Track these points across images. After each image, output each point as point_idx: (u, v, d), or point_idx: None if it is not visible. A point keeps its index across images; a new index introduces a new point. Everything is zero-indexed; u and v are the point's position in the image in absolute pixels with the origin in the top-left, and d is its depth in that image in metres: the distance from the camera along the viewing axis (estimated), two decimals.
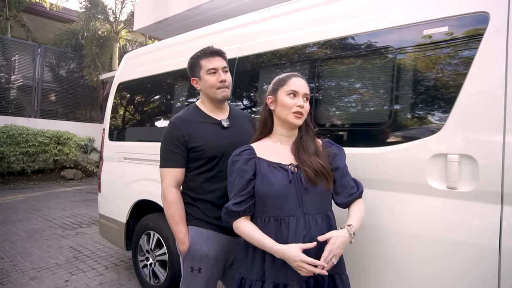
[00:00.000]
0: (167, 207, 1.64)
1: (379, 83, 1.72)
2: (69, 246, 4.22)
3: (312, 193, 1.33)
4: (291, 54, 2.08)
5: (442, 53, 1.55)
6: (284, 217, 1.31)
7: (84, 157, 10.91)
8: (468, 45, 1.48)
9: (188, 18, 5.45)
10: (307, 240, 1.27)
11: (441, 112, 1.53)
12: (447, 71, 1.53)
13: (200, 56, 1.69)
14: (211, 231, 1.65)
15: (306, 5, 2.07)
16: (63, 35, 11.93)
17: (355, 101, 1.81)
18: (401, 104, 1.64)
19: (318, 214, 1.34)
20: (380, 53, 1.73)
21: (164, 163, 1.67)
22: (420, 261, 1.52)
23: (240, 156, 1.40)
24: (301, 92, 1.40)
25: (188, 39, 2.86)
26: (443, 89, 1.53)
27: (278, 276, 1.29)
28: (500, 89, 1.38)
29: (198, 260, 1.63)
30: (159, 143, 1.67)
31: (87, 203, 7.00)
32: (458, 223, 1.45)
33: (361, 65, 1.79)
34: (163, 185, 1.65)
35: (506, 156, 1.34)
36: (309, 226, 1.30)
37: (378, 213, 1.64)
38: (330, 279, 1.32)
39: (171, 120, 1.70)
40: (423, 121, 1.58)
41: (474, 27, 1.47)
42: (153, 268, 2.86)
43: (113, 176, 3.30)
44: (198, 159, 1.65)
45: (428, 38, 1.58)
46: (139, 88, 3.27)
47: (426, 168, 1.52)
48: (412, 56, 1.63)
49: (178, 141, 1.63)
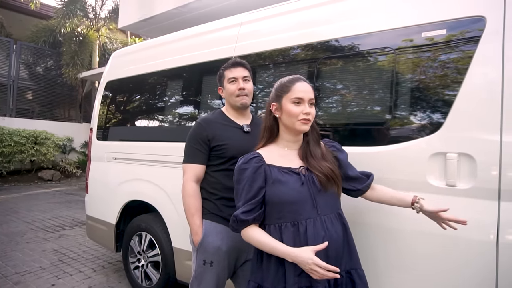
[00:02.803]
0: (185, 199, 1.75)
1: (379, 84, 1.75)
2: (53, 249, 4.09)
3: (324, 194, 1.35)
4: (290, 54, 2.10)
5: (440, 54, 1.60)
6: (301, 220, 1.30)
7: (62, 158, 10.59)
8: (466, 47, 1.54)
9: (176, 16, 5.37)
10: (326, 240, 1.27)
11: (440, 112, 1.58)
12: (445, 72, 1.58)
13: (225, 67, 1.83)
14: (225, 227, 1.70)
15: (307, 5, 2.08)
16: (41, 32, 11.50)
17: (356, 102, 1.84)
18: (401, 104, 1.68)
19: (331, 213, 1.35)
20: (379, 54, 1.77)
21: (187, 159, 1.79)
22: (422, 256, 1.57)
23: (249, 164, 1.37)
24: (306, 98, 1.37)
25: (181, 37, 2.83)
26: (442, 90, 1.59)
27: (301, 281, 1.27)
28: (497, 89, 1.44)
29: (211, 253, 1.69)
30: (152, 143, 1.72)
31: (67, 204, 6.81)
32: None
33: (362, 66, 1.83)
34: (184, 179, 1.76)
35: (503, 154, 1.40)
36: (326, 227, 1.31)
37: (379, 211, 1.68)
38: (347, 274, 1.34)
39: (197, 120, 1.83)
40: (423, 121, 1.62)
41: (472, 30, 1.53)
42: (145, 270, 2.81)
43: (102, 177, 3.23)
44: (219, 157, 1.75)
45: (427, 40, 1.63)
46: (129, 86, 3.21)
47: (426, 167, 1.57)
48: (412, 57, 1.67)
49: (202, 140, 1.74)
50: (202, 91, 2.57)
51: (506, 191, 1.40)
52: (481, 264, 1.43)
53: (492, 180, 1.43)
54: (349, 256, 1.37)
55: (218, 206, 1.75)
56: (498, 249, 1.40)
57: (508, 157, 1.40)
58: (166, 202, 2.57)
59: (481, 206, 1.45)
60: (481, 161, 1.45)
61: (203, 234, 1.71)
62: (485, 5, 1.51)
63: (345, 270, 1.34)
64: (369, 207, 1.67)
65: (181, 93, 2.74)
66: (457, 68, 1.55)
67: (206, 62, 2.52)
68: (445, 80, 1.58)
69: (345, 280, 1.33)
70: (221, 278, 1.73)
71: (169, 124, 2.80)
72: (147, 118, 3.04)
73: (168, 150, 2.58)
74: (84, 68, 11.14)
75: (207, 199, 1.78)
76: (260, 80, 2.24)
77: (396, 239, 1.64)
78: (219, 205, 1.74)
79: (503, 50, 1.45)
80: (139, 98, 3.16)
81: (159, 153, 2.65)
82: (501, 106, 1.42)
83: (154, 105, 3.00)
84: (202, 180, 1.79)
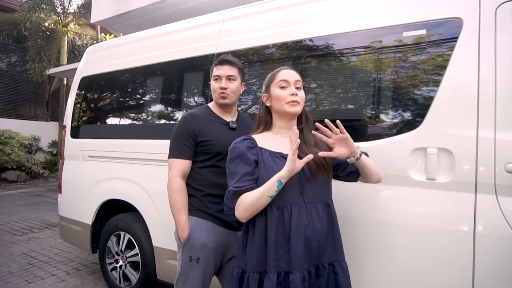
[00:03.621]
0: (171, 195, 1.72)
1: (364, 82, 1.81)
2: (22, 253, 3.89)
3: (313, 182, 1.36)
4: (273, 52, 2.12)
5: (421, 54, 1.67)
6: (286, 205, 1.33)
7: (28, 158, 10.10)
8: (445, 47, 1.61)
9: (152, 12, 5.25)
10: (308, 230, 1.30)
11: (420, 109, 1.64)
12: (426, 71, 1.65)
13: (215, 63, 1.82)
14: (211, 223, 1.70)
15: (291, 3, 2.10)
16: (3, 25, 10.88)
17: (341, 98, 1.88)
18: (384, 102, 1.74)
19: (319, 203, 1.37)
20: (363, 52, 1.82)
21: (173, 154, 1.76)
22: (403, 248, 1.63)
23: (242, 143, 1.40)
24: (291, 81, 1.42)
25: (162, 33, 2.77)
26: (422, 88, 1.66)
27: (280, 265, 1.30)
28: (474, 87, 1.52)
29: (197, 250, 1.67)
30: (132, 140, 1.68)
31: (35, 206, 6.51)
32: (437, 212, 1.57)
33: (346, 64, 1.88)
34: (170, 174, 1.74)
35: (479, 149, 1.48)
36: (311, 216, 1.33)
37: (362, 205, 1.73)
38: (330, 266, 1.36)
39: (184, 115, 1.81)
40: (404, 118, 1.68)
41: (450, 31, 1.61)
42: (124, 271, 2.74)
43: (77, 176, 3.11)
44: (205, 153, 1.73)
45: (408, 39, 1.69)
46: (106, 82, 3.11)
47: (408, 161, 1.63)
48: (393, 56, 1.73)
49: (188, 135, 1.73)
50: (183, 88, 2.54)
51: (482, 184, 1.48)
52: (460, 253, 1.50)
53: (469, 174, 1.50)
54: (333, 248, 1.39)
55: (204, 203, 1.73)
56: (475, 238, 1.48)
57: (483, 151, 1.48)
58: (147, 201, 2.52)
59: (459, 198, 1.52)
60: (459, 155, 1.52)
61: (189, 230, 1.69)
62: (462, 7, 1.59)
63: (328, 262, 1.36)
64: (352, 202, 1.72)
65: (161, 90, 2.69)
66: (437, 67, 1.63)
67: (187, 59, 2.49)
68: (425, 78, 1.65)
69: (328, 271, 1.35)
70: (207, 274, 1.72)
71: (148, 121, 2.74)
72: (124, 114, 2.97)
73: (149, 148, 2.53)
74: (51, 64, 10.64)
75: (193, 196, 1.76)
76: None
77: (380, 234, 1.68)
78: (205, 202, 1.73)
79: (478, 50, 1.53)
80: (116, 94, 3.07)
81: (139, 150, 2.59)
82: (477, 103, 1.50)
83: (133, 102, 2.93)
84: (187, 176, 1.77)
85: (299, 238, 1.30)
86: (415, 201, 1.62)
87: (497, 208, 1.45)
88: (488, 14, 1.53)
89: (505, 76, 1.48)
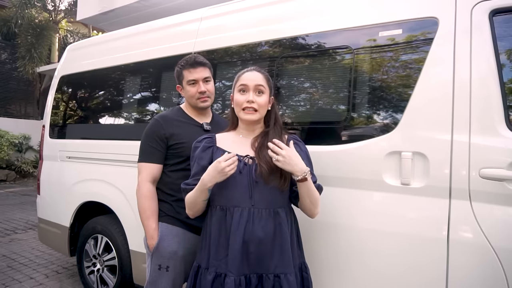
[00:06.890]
0: (140, 201, 1.67)
1: (337, 82, 1.76)
2: (2, 255, 3.81)
3: (263, 187, 1.33)
4: (250, 50, 2.06)
5: (396, 54, 1.62)
6: (230, 207, 1.33)
7: (18, 157, 9.99)
8: (420, 47, 1.56)
9: (137, 10, 5.17)
10: (247, 233, 1.29)
11: (395, 112, 1.59)
12: (401, 72, 1.61)
13: (183, 66, 1.72)
14: (181, 229, 1.66)
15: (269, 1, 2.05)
16: None
17: (314, 100, 1.83)
18: (358, 103, 1.69)
19: (266, 209, 1.33)
20: (337, 53, 1.77)
21: (142, 158, 1.71)
22: (375, 254, 1.58)
23: (200, 143, 1.45)
24: (251, 86, 1.37)
25: (140, 31, 2.71)
26: (397, 89, 1.61)
27: (220, 266, 1.31)
28: (449, 90, 1.47)
29: (166, 258, 1.63)
30: (108, 141, 1.63)
31: (22, 206, 6.41)
32: (411, 217, 1.52)
33: (320, 64, 1.82)
34: (139, 179, 1.68)
35: (454, 154, 1.44)
36: (253, 220, 1.30)
37: (336, 210, 1.68)
38: (276, 278, 1.30)
39: (155, 117, 1.74)
40: (379, 120, 1.63)
41: (425, 31, 1.56)
42: (101, 274, 2.68)
43: (55, 177, 3.04)
44: (177, 156, 1.68)
45: (383, 40, 1.64)
46: (85, 82, 3.04)
47: (382, 165, 1.58)
48: (368, 57, 1.68)
49: (159, 138, 1.67)
50: (161, 87, 2.48)
51: (456, 189, 1.43)
52: (433, 259, 1.46)
53: (443, 179, 1.46)
54: (280, 258, 1.32)
55: (174, 208, 1.68)
56: (449, 244, 1.43)
57: (458, 156, 1.43)
58: (123, 203, 2.46)
59: (433, 204, 1.48)
60: (434, 159, 1.47)
61: (158, 237, 1.63)
62: (438, 7, 1.54)
63: (274, 274, 1.31)
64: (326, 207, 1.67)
65: (139, 89, 2.63)
66: (412, 68, 1.58)
67: (166, 57, 2.43)
68: (400, 79, 1.60)
69: (273, 283, 1.30)
70: (177, 283, 1.66)
71: (127, 121, 2.68)
72: (103, 115, 2.90)
73: (125, 149, 2.47)
74: (42, 62, 10.54)
75: (163, 201, 1.70)
76: (220, 76, 2.19)
77: (352, 240, 1.64)
78: (176, 207, 1.67)
79: (454, 51, 1.48)
80: (95, 94, 3.00)
81: (115, 151, 2.53)
82: (452, 106, 1.45)
83: (111, 102, 2.86)
84: (158, 180, 1.72)
85: (236, 241, 1.29)
86: (389, 207, 1.57)
87: (471, 214, 1.40)
88: (464, 14, 1.48)
89: (480, 77, 1.43)
